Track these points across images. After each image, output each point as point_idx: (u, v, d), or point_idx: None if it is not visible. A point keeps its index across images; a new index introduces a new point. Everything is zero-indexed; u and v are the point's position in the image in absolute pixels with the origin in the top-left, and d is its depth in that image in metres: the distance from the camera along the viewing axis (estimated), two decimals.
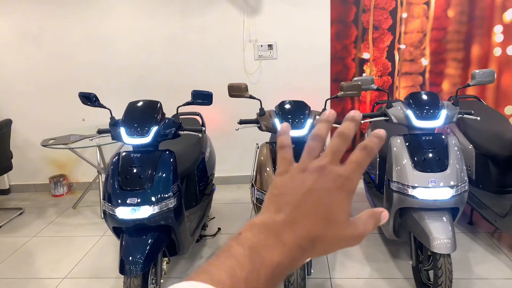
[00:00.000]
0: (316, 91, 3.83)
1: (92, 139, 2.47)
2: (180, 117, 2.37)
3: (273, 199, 0.42)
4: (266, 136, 2.69)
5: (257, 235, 0.38)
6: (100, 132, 2.30)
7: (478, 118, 2.31)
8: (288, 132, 0.46)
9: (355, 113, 0.44)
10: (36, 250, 3.03)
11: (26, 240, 3.19)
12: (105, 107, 2.29)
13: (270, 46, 3.77)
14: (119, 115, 2.29)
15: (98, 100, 2.29)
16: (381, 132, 0.42)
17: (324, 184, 0.41)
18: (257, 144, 2.46)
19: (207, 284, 0.33)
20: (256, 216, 0.41)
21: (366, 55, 3.76)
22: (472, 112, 2.31)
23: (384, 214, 0.44)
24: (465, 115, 2.32)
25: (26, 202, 4.00)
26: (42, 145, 3.43)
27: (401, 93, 3.83)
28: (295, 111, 2.30)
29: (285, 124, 0.47)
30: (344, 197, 0.41)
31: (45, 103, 4.00)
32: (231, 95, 2.39)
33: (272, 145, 2.31)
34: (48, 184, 4.12)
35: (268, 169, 2.18)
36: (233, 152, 4.01)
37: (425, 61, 3.73)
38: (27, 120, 4.05)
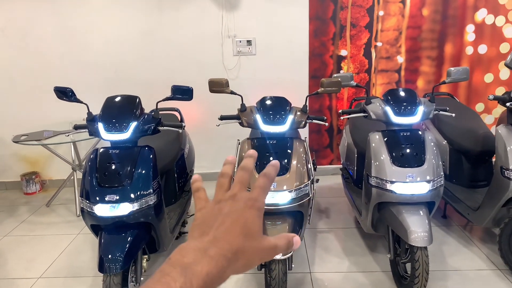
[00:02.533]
0: (295, 87, 3.85)
1: (68, 135, 2.39)
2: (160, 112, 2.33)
3: (196, 228, 0.49)
4: (244, 132, 2.68)
5: (186, 255, 0.43)
6: (77, 127, 2.23)
7: (454, 115, 2.38)
8: (200, 180, 0.56)
9: (253, 153, 0.55)
10: (8, 249, 2.93)
11: None
12: (81, 102, 2.23)
13: (249, 42, 3.76)
14: (94, 111, 2.23)
15: (74, 95, 2.22)
16: (275, 162, 0.54)
17: (238, 207, 0.49)
18: (238, 140, 2.45)
19: None
20: (183, 243, 0.46)
21: (343, 52, 3.81)
22: (448, 108, 2.38)
23: (296, 239, 0.52)
24: (441, 112, 2.38)
25: None
26: (14, 141, 3.31)
27: (378, 90, 3.90)
28: (276, 107, 2.31)
29: (196, 175, 0.56)
30: (256, 214, 0.49)
31: (15, 98, 3.86)
32: (211, 91, 2.37)
33: (254, 141, 2.30)
34: (19, 182, 3.98)
35: None
36: (210, 148, 3.99)
37: (400, 59, 3.81)
38: None
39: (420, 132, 2.30)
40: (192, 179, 0.56)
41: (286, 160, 2.17)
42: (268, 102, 2.35)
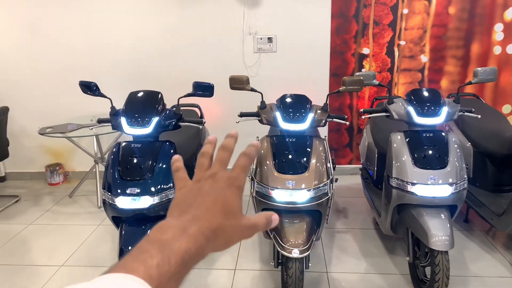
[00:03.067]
0: (315, 86, 3.83)
1: (92, 128, 2.45)
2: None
3: (175, 207, 0.49)
4: (263, 129, 2.68)
5: (165, 233, 0.43)
6: (100, 121, 2.28)
7: (479, 116, 2.32)
8: (180, 160, 0.55)
9: (234, 133, 0.55)
10: (32, 237, 3.02)
11: (22, 227, 3.17)
12: (105, 97, 2.27)
13: (269, 39, 3.75)
14: (117, 105, 2.27)
15: (98, 89, 2.27)
16: (256, 143, 0.54)
17: (218, 185, 0.49)
18: (258, 137, 2.46)
19: (123, 273, 0.37)
20: (162, 221, 0.45)
21: (366, 51, 3.76)
22: (473, 110, 2.32)
23: (275, 217, 0.52)
24: (465, 113, 2.33)
25: (22, 190, 3.98)
26: (40, 133, 3.41)
27: (400, 90, 3.83)
28: (297, 105, 2.30)
29: (176, 156, 0.56)
30: (235, 192, 0.49)
31: (42, 91, 3.96)
32: (232, 87, 2.37)
33: (273, 139, 2.30)
34: (44, 173, 4.10)
35: (268, 162, 2.18)
36: None
37: (424, 58, 3.74)
38: (23, 108, 4.01)
39: (443, 134, 2.25)
40: (172, 159, 0.55)
41: (305, 159, 2.16)
42: (288, 99, 2.34)
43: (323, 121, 2.28)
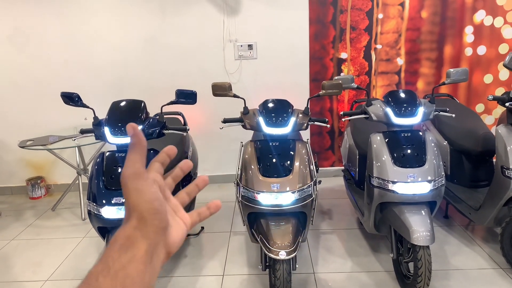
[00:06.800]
0: (296, 91, 3.89)
1: (74, 139, 2.44)
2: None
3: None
4: (247, 134, 2.72)
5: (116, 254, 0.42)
6: (83, 132, 2.27)
7: (454, 115, 2.42)
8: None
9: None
10: (16, 253, 2.96)
11: (4, 243, 3.11)
12: (88, 107, 2.27)
13: (250, 46, 3.80)
14: (100, 115, 2.27)
15: (80, 100, 2.27)
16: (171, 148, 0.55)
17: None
18: (242, 142, 2.49)
19: None
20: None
21: (344, 55, 3.85)
22: (448, 109, 2.41)
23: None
24: (441, 112, 2.42)
25: (3, 205, 3.90)
26: (20, 146, 3.36)
27: (378, 92, 3.93)
28: (279, 110, 2.34)
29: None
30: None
31: (21, 104, 3.91)
32: (215, 94, 2.41)
33: (256, 143, 2.34)
34: (25, 187, 4.03)
35: (253, 166, 2.21)
36: (213, 151, 4.03)
37: (400, 61, 3.85)
38: (2, 121, 3.94)
39: (420, 133, 2.33)
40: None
41: (289, 162, 2.21)
42: (271, 104, 2.39)
43: (305, 124, 2.34)
